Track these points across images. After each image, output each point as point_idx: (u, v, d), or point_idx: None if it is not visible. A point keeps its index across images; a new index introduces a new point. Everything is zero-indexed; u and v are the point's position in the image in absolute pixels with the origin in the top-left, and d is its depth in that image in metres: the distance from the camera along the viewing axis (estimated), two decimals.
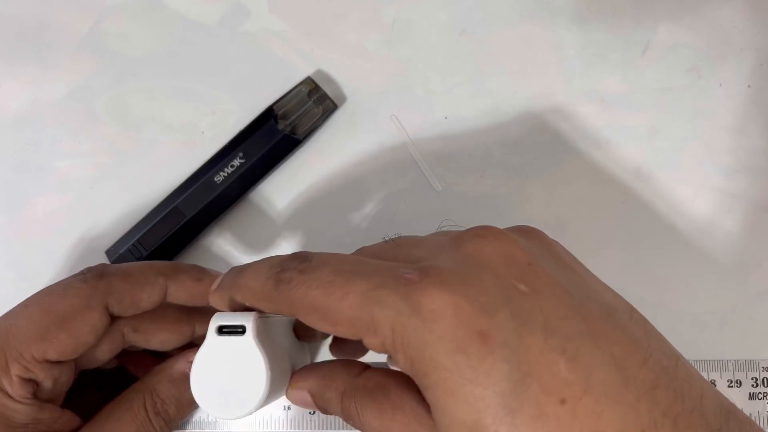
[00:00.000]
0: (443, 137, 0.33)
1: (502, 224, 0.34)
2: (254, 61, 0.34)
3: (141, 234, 0.32)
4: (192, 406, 0.27)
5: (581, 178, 0.33)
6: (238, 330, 0.22)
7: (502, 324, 0.17)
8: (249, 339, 0.22)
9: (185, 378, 0.25)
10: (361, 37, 0.34)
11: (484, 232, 0.20)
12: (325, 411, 0.23)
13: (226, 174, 0.32)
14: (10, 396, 0.23)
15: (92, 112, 0.34)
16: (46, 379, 0.24)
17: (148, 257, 0.31)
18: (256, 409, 0.22)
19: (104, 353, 0.26)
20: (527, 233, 0.22)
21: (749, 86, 0.33)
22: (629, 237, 0.32)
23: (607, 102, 0.33)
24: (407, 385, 0.21)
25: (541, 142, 0.33)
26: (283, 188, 0.33)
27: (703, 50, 0.34)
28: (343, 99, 0.34)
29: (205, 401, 0.22)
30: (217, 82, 0.34)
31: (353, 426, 0.22)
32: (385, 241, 0.23)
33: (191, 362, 0.24)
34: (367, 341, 0.19)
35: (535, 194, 0.33)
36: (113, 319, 0.25)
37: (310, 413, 0.31)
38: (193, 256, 0.33)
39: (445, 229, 0.25)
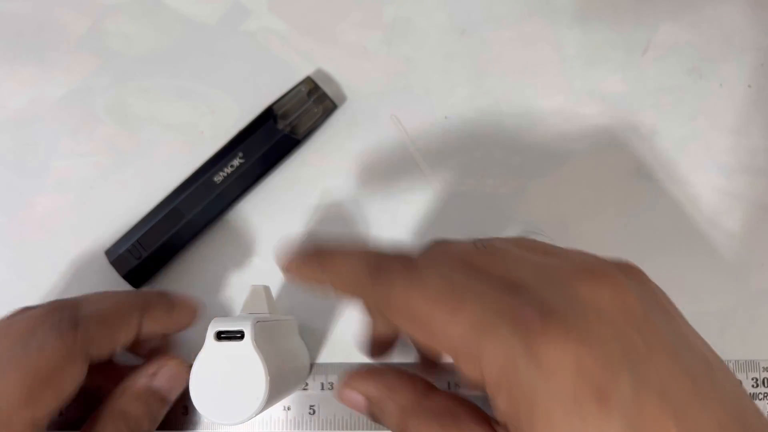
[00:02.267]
0: (443, 137, 0.33)
1: (503, 224, 0.33)
2: (254, 60, 0.34)
3: (140, 234, 0.32)
4: (161, 413, 0.27)
5: (581, 178, 0.33)
6: (237, 335, 0.22)
7: (621, 384, 0.17)
8: (248, 344, 0.22)
9: (150, 392, 0.26)
10: (361, 37, 0.34)
11: (598, 271, 0.19)
12: (376, 420, 0.22)
13: (225, 174, 0.32)
14: None
15: (92, 112, 0.34)
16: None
17: (148, 257, 0.31)
18: (256, 415, 0.22)
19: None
20: (631, 273, 0.21)
21: (750, 86, 0.33)
22: (629, 237, 0.32)
23: (608, 102, 0.33)
24: (478, 416, 0.20)
25: (541, 142, 0.33)
26: (283, 188, 0.33)
27: (704, 50, 0.33)
28: (343, 99, 0.34)
29: (204, 407, 0.22)
30: (217, 81, 0.34)
31: None
32: (475, 245, 0.21)
33: (151, 375, 0.24)
34: (464, 367, 0.18)
35: (536, 194, 0.33)
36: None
37: (309, 413, 0.30)
38: (193, 257, 0.33)
39: (531, 236, 0.24)
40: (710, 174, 0.33)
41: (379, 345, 0.27)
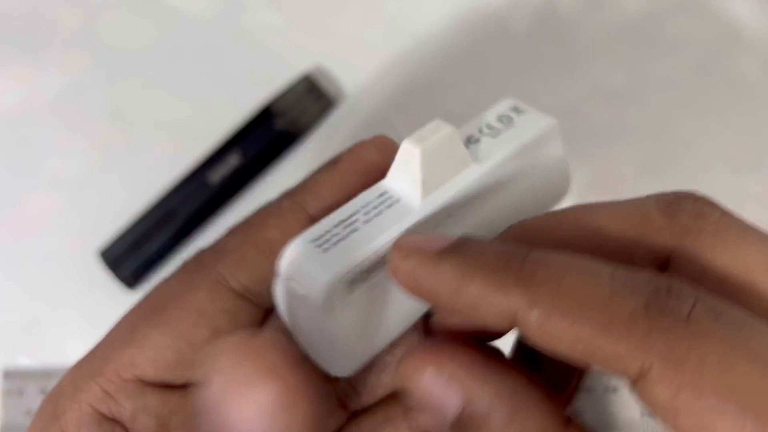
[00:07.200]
0: None
1: None
2: (251, 57, 0.34)
3: (136, 234, 0.31)
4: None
5: (586, 176, 0.32)
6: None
7: None
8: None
9: None
10: (361, 33, 0.34)
11: None
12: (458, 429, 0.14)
13: (222, 173, 0.32)
14: None
15: (86, 110, 0.34)
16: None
17: (143, 258, 0.31)
18: None
19: None
20: None
21: (758, 83, 0.33)
22: None
23: (613, 98, 0.33)
24: None
25: None
26: (281, 187, 0.33)
27: (712, 46, 0.33)
28: (342, 96, 0.33)
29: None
30: (213, 78, 0.34)
31: None
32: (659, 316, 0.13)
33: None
34: None
35: None
36: None
37: None
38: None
39: None
40: (719, 172, 0.32)
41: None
